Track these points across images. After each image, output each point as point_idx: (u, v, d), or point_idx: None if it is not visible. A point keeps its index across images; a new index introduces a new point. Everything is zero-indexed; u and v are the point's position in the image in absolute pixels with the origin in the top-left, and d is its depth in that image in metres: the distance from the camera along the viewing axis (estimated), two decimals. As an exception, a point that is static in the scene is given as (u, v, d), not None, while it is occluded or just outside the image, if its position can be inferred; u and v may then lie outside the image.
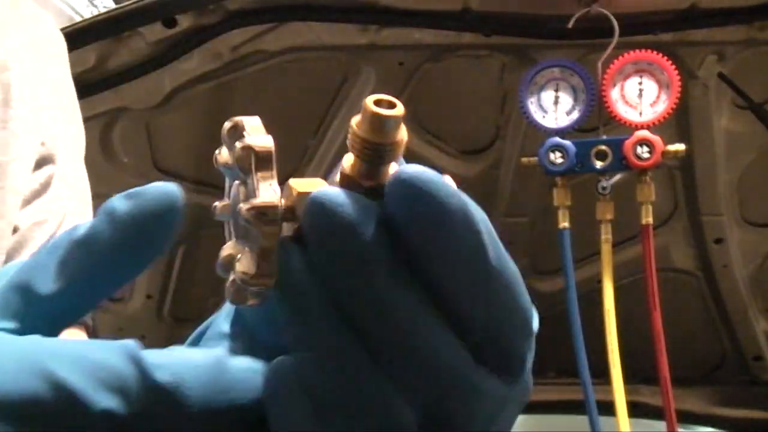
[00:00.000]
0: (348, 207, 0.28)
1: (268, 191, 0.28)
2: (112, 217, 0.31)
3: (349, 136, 0.29)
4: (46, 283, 0.31)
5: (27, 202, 0.60)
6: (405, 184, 0.28)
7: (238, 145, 0.28)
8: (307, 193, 0.28)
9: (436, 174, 0.28)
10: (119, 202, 0.31)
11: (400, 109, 0.29)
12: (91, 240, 0.31)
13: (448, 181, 0.29)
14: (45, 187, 0.61)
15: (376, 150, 0.29)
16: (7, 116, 0.59)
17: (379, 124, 0.29)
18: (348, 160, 0.29)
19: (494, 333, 0.29)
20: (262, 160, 0.28)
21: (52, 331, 0.31)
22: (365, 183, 0.29)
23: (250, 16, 1.62)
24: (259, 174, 0.28)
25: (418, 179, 0.28)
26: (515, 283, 0.29)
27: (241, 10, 1.61)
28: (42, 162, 0.61)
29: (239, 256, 0.28)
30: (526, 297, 0.30)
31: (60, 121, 0.64)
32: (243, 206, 0.27)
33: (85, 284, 0.31)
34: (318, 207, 0.28)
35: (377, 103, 0.29)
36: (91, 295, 0.32)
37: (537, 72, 1.56)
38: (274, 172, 0.28)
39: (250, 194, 0.28)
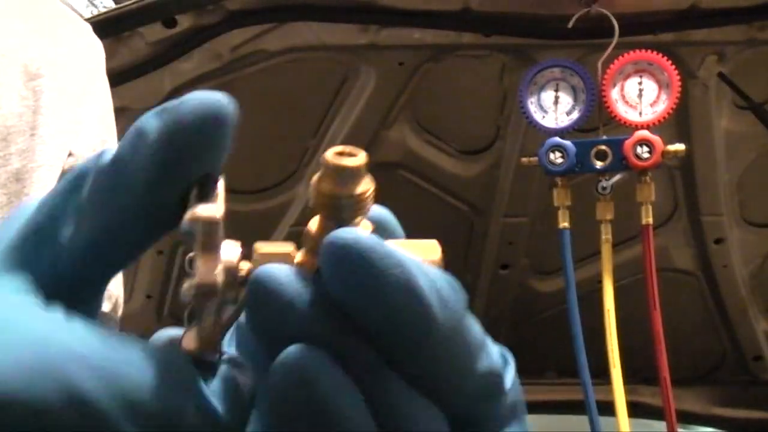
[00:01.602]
0: (287, 286, 0.25)
1: (206, 268, 0.26)
2: (142, 137, 0.26)
3: (310, 193, 0.27)
4: (67, 225, 0.26)
5: None
6: (337, 253, 0.25)
7: (187, 214, 0.26)
8: (268, 257, 0.27)
9: (373, 241, 0.25)
10: (150, 120, 0.26)
11: (361, 158, 0.27)
12: (119, 167, 0.26)
13: (391, 245, 0.26)
14: None
15: (336, 204, 0.27)
16: (36, 123, 0.58)
17: (337, 175, 0.27)
18: (313, 221, 0.28)
19: (456, 405, 0.27)
20: (206, 233, 0.26)
21: (78, 289, 0.27)
22: None
23: (250, 16, 1.62)
24: (202, 247, 0.26)
25: (352, 248, 0.25)
26: (473, 349, 0.27)
27: (241, 10, 1.61)
28: None
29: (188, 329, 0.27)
30: (487, 361, 0.28)
31: (93, 131, 0.63)
32: (184, 286, 0.26)
33: (113, 224, 0.26)
34: (255, 287, 0.26)
35: (338, 154, 0.27)
36: (122, 241, 0.27)
37: (537, 72, 1.56)
38: (219, 245, 0.26)
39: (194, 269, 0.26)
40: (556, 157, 1.52)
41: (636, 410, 1.88)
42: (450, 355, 0.26)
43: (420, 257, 0.27)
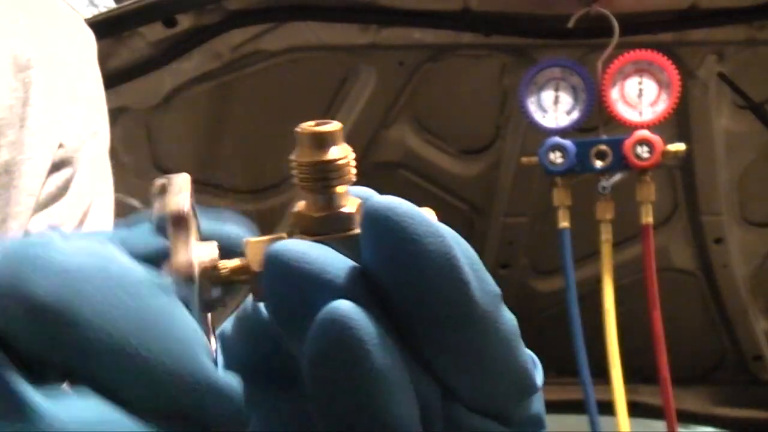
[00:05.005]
0: (311, 258, 0.24)
1: (181, 253, 0.26)
2: None
3: (292, 171, 0.27)
4: None
5: (43, 206, 0.59)
6: (375, 220, 0.24)
7: (156, 207, 0.27)
8: (261, 245, 0.27)
9: (411, 209, 0.25)
10: None
11: (335, 125, 0.27)
12: None
13: (428, 215, 0.25)
14: (62, 191, 0.60)
15: (320, 172, 0.27)
16: (25, 114, 0.58)
17: (315, 142, 0.27)
18: (298, 203, 0.28)
19: (483, 399, 0.26)
20: (176, 223, 0.27)
21: None
22: (316, 215, 0.27)
23: (250, 16, 1.62)
24: (175, 236, 0.27)
25: (391, 214, 0.24)
26: (509, 339, 0.26)
27: (241, 10, 1.61)
28: (60, 165, 0.60)
29: None
30: (522, 354, 0.27)
31: (85, 122, 0.63)
32: (164, 268, 0.26)
33: None
34: (273, 262, 0.25)
35: (312, 125, 0.27)
36: None
37: (537, 72, 1.56)
38: (190, 232, 0.27)
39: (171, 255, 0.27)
40: (556, 157, 1.52)
41: (636, 410, 1.87)
42: (487, 342, 0.25)
43: None
